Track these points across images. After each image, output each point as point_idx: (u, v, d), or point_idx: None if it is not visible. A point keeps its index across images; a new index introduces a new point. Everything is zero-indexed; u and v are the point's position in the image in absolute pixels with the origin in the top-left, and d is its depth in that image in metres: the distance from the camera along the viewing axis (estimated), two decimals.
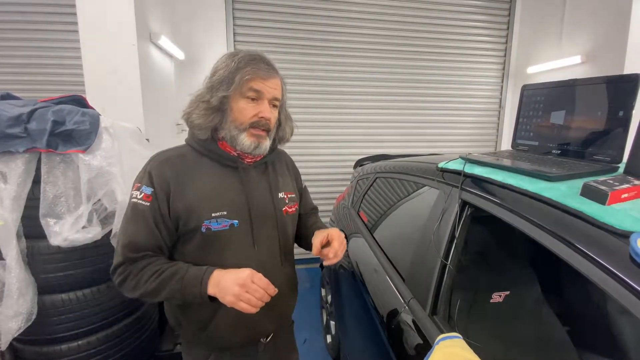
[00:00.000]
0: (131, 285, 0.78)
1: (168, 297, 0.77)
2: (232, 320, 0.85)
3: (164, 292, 0.76)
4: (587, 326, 1.25)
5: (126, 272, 0.78)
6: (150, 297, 0.78)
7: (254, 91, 0.81)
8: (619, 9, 2.49)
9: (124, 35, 2.01)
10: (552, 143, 1.01)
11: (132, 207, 0.80)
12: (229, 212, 0.83)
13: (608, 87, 0.87)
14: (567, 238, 0.65)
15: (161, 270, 0.77)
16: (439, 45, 3.43)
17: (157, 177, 0.80)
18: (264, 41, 3.13)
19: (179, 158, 0.85)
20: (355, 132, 3.44)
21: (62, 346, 1.45)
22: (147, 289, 0.76)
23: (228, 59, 0.82)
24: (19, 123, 1.27)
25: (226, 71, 0.80)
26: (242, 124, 0.82)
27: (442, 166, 1.19)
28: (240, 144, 0.83)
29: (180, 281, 0.76)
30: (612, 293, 0.56)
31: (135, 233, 0.79)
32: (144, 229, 0.79)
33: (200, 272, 0.77)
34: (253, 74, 0.80)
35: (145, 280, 0.77)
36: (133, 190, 0.81)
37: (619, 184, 0.68)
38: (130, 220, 0.80)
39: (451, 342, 0.78)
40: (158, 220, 0.80)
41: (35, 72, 2.75)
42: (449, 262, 0.96)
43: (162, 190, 0.80)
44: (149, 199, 0.79)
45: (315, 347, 2.24)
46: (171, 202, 0.80)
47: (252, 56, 0.82)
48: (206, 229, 0.81)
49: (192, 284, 0.75)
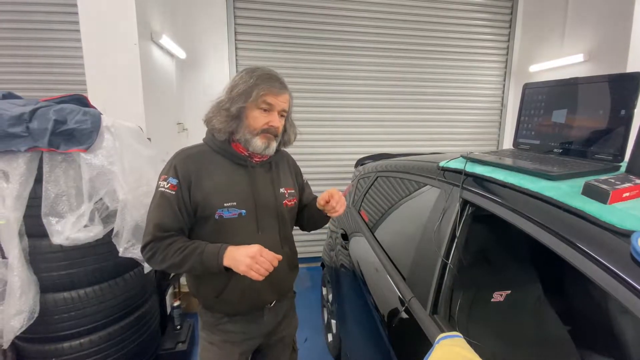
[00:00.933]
0: (159, 259, 0.93)
1: (190, 268, 0.93)
2: (241, 290, 1.02)
3: (187, 265, 0.92)
4: (588, 325, 1.25)
5: (155, 248, 0.94)
6: (175, 268, 0.94)
7: (267, 104, 0.98)
8: (622, 8, 2.48)
9: (126, 35, 2.01)
10: (554, 142, 1.00)
11: (160, 195, 0.96)
12: (238, 203, 1.00)
13: (610, 86, 0.86)
14: (568, 237, 0.65)
15: (184, 246, 0.93)
16: (441, 44, 3.42)
17: (181, 170, 0.97)
18: (265, 40, 3.13)
19: (199, 155, 1.02)
20: (356, 130, 3.44)
21: (64, 344, 1.46)
22: (173, 261, 0.92)
23: (247, 75, 0.99)
24: (21, 122, 1.28)
25: (246, 86, 0.97)
26: (255, 130, 0.99)
27: (443, 165, 1.19)
28: (253, 146, 1.00)
29: (201, 255, 0.92)
30: (613, 292, 0.55)
31: (163, 216, 0.94)
32: (170, 213, 0.95)
33: (216, 248, 0.93)
34: (268, 90, 0.97)
35: (172, 255, 0.92)
36: (160, 181, 0.97)
37: (620, 183, 0.67)
38: (158, 206, 0.95)
39: (452, 341, 0.78)
40: (181, 206, 0.96)
41: (37, 71, 2.76)
42: (449, 261, 0.96)
43: (185, 182, 0.96)
44: (174, 188, 0.95)
45: (316, 346, 2.25)
46: (192, 191, 0.97)
47: (269, 75, 1.00)
48: (219, 216, 0.98)
49: (210, 257, 0.92)
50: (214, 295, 1.04)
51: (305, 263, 3.46)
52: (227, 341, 1.10)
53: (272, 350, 1.23)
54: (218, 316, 1.08)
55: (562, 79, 0.99)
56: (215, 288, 1.03)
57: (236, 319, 1.09)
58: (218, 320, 1.09)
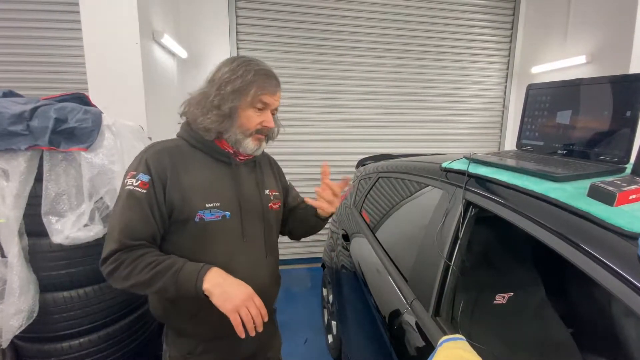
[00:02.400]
0: (123, 274, 0.77)
1: (160, 289, 0.77)
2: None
3: (158, 284, 0.76)
4: (591, 328, 1.24)
5: (120, 260, 0.77)
6: (141, 288, 0.78)
7: (262, 103, 0.89)
8: (625, 9, 2.47)
9: (127, 34, 2.01)
10: (558, 143, 0.99)
11: (128, 195, 0.80)
12: (222, 204, 0.88)
13: (615, 87, 0.86)
14: (574, 240, 0.64)
15: (157, 261, 0.78)
16: (443, 45, 3.42)
17: (154, 165, 0.83)
18: (266, 40, 3.12)
19: (175, 149, 0.89)
20: (357, 131, 3.43)
21: (63, 344, 1.45)
22: (140, 279, 0.76)
23: (241, 69, 0.87)
24: (21, 120, 1.27)
25: (242, 83, 0.85)
26: (248, 130, 0.90)
27: (445, 166, 1.18)
28: (244, 147, 0.91)
29: (176, 274, 0.76)
30: (620, 296, 0.55)
31: (132, 220, 0.79)
32: (140, 216, 0.80)
33: (197, 267, 0.78)
34: (266, 90, 0.88)
35: (140, 270, 0.76)
36: (127, 179, 0.82)
37: (627, 185, 0.67)
38: (125, 207, 0.80)
39: (454, 344, 0.77)
40: (154, 207, 0.81)
41: (38, 70, 2.76)
42: (452, 263, 0.95)
43: (159, 179, 0.83)
44: (145, 186, 0.81)
45: (316, 347, 2.24)
46: (167, 190, 0.83)
47: (267, 72, 0.89)
48: (200, 218, 0.85)
49: (187, 278, 0.76)
50: (189, 317, 0.89)
51: (305, 263, 3.45)
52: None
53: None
54: (191, 344, 0.92)
55: (566, 79, 0.98)
56: (190, 308, 0.88)
57: (211, 347, 0.93)
58: (191, 350, 0.92)
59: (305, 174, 3.33)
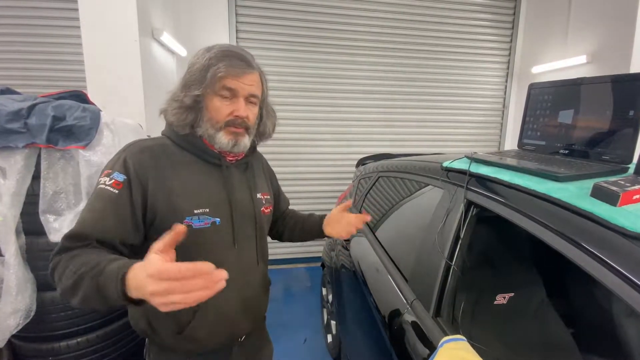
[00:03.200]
0: (56, 278, 0.63)
1: (84, 299, 0.59)
2: (212, 321, 0.82)
3: (79, 291, 0.59)
4: (592, 329, 1.24)
5: (55, 263, 0.65)
6: (69, 297, 0.61)
7: (227, 89, 0.78)
8: (625, 9, 2.46)
9: (126, 31, 1.99)
10: (560, 143, 0.99)
11: (97, 194, 0.71)
12: (211, 210, 0.80)
13: (618, 86, 0.85)
14: (577, 240, 0.64)
15: (86, 263, 0.60)
16: (443, 44, 3.41)
17: (134, 165, 0.74)
18: (266, 38, 3.11)
19: (160, 148, 0.80)
20: (357, 130, 3.42)
21: (60, 343, 1.44)
22: (65, 285, 0.60)
23: (201, 55, 0.78)
24: (19, 118, 1.26)
25: (200, 66, 0.77)
26: (218, 123, 0.79)
27: (446, 165, 1.18)
28: (218, 143, 0.81)
29: (97, 277, 0.57)
30: (624, 297, 0.54)
31: (89, 221, 0.68)
32: (100, 218, 0.69)
33: (119, 265, 0.56)
34: (226, 71, 0.76)
35: (66, 274, 0.61)
36: (101, 177, 0.73)
37: (630, 185, 0.66)
38: (89, 207, 0.70)
39: (455, 345, 0.77)
40: (124, 211, 0.71)
41: (36, 67, 2.74)
42: (453, 263, 0.94)
43: (138, 180, 0.73)
44: (118, 186, 0.71)
45: (315, 346, 2.23)
46: (150, 194, 0.74)
47: (225, 52, 0.77)
48: (187, 225, 0.73)
49: (108, 279, 0.55)
50: (176, 331, 0.80)
51: (304, 263, 3.44)
52: None
53: None
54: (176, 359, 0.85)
55: (569, 79, 0.98)
56: (178, 321, 0.80)
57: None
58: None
59: (303, 174, 3.33)
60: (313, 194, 3.37)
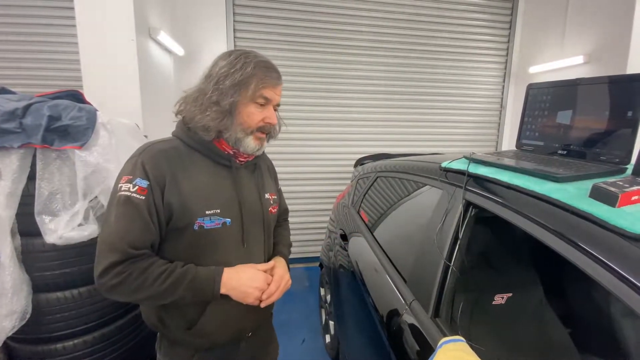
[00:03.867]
0: (133, 287, 0.73)
1: (176, 300, 0.77)
2: (220, 318, 0.87)
3: (174, 295, 0.76)
4: (590, 328, 1.24)
5: (126, 272, 0.72)
6: (155, 300, 0.77)
7: (264, 98, 0.84)
8: (622, 9, 2.47)
9: (123, 30, 1.98)
10: (558, 143, 0.99)
11: (125, 201, 0.74)
12: (222, 211, 0.84)
13: (617, 87, 0.85)
14: (576, 240, 0.64)
15: (168, 271, 0.76)
16: (441, 44, 3.41)
17: (152, 170, 0.77)
18: (264, 37, 3.10)
19: (173, 151, 0.83)
20: (356, 130, 3.42)
21: (57, 345, 1.43)
22: (155, 291, 0.74)
23: (239, 62, 0.82)
24: (14, 118, 1.25)
25: (242, 75, 0.80)
26: (249, 128, 0.85)
27: (445, 166, 1.17)
28: (245, 146, 0.86)
29: (192, 282, 0.77)
30: (623, 298, 0.54)
31: (133, 228, 0.74)
32: (140, 224, 0.75)
33: (210, 273, 0.80)
34: (268, 83, 0.83)
35: (152, 282, 0.74)
36: (122, 183, 0.76)
37: (629, 186, 0.66)
38: (123, 215, 0.74)
39: (454, 346, 0.76)
40: (153, 215, 0.76)
41: (31, 66, 2.71)
42: (452, 263, 0.94)
43: (157, 184, 0.77)
44: (144, 192, 0.75)
45: (313, 347, 2.23)
46: (165, 196, 0.78)
47: (264, 63, 0.84)
48: (199, 226, 0.81)
49: (204, 285, 0.78)
50: (186, 327, 0.85)
51: (303, 263, 3.44)
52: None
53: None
54: (186, 354, 0.89)
55: (567, 79, 0.98)
56: (188, 317, 0.85)
57: (207, 356, 0.90)
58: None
59: (301, 174, 3.32)
60: (311, 193, 3.36)
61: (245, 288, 0.81)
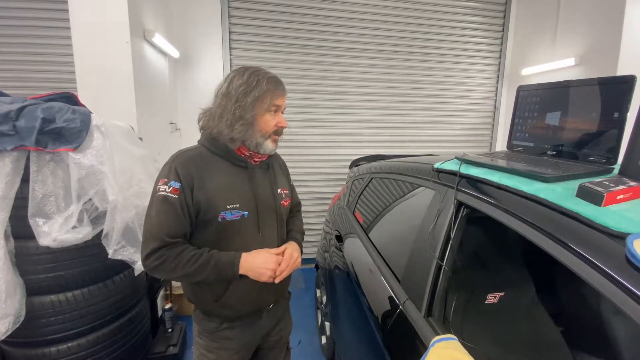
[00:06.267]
0: (169, 268, 0.92)
1: (203, 278, 0.95)
2: (241, 293, 1.04)
3: (201, 275, 0.94)
4: (581, 326, 1.26)
5: (165, 256, 0.91)
6: (186, 278, 0.96)
7: (276, 106, 1.02)
8: (613, 12, 2.51)
9: (117, 32, 1.97)
10: (548, 144, 1.01)
11: (163, 200, 0.93)
12: (240, 205, 1.01)
13: (604, 89, 0.87)
14: (563, 239, 0.65)
15: (196, 256, 0.94)
16: (435, 47, 3.44)
17: (183, 173, 0.95)
18: (259, 40, 3.11)
19: (199, 157, 1.00)
20: (350, 132, 3.43)
21: (51, 348, 1.42)
22: (186, 271, 0.92)
23: (253, 79, 0.98)
24: (7, 120, 1.24)
25: (259, 91, 0.98)
26: (267, 133, 1.03)
27: (437, 167, 1.19)
28: (264, 148, 1.04)
29: (216, 266, 0.95)
30: (608, 295, 0.55)
31: (168, 221, 0.92)
32: (175, 218, 0.93)
33: (230, 258, 0.97)
34: (278, 94, 1.02)
35: (184, 264, 0.92)
36: (160, 185, 0.94)
37: (614, 185, 0.68)
38: (161, 211, 0.93)
39: (446, 344, 0.78)
40: (185, 210, 0.94)
41: (25, 68, 2.69)
42: (444, 263, 0.95)
43: (187, 185, 0.95)
44: (177, 192, 0.93)
45: (309, 348, 2.23)
46: (194, 194, 0.95)
47: (275, 79, 1.03)
48: (222, 218, 0.98)
49: (226, 267, 0.96)
50: (214, 300, 1.04)
51: None
52: (225, 348, 1.09)
53: (269, 352, 1.25)
54: (217, 322, 1.08)
55: (556, 81, 1.00)
56: (215, 293, 1.03)
57: (235, 325, 1.09)
58: (217, 327, 1.08)
59: (297, 175, 3.31)
60: (306, 195, 3.36)
61: (260, 269, 0.97)
